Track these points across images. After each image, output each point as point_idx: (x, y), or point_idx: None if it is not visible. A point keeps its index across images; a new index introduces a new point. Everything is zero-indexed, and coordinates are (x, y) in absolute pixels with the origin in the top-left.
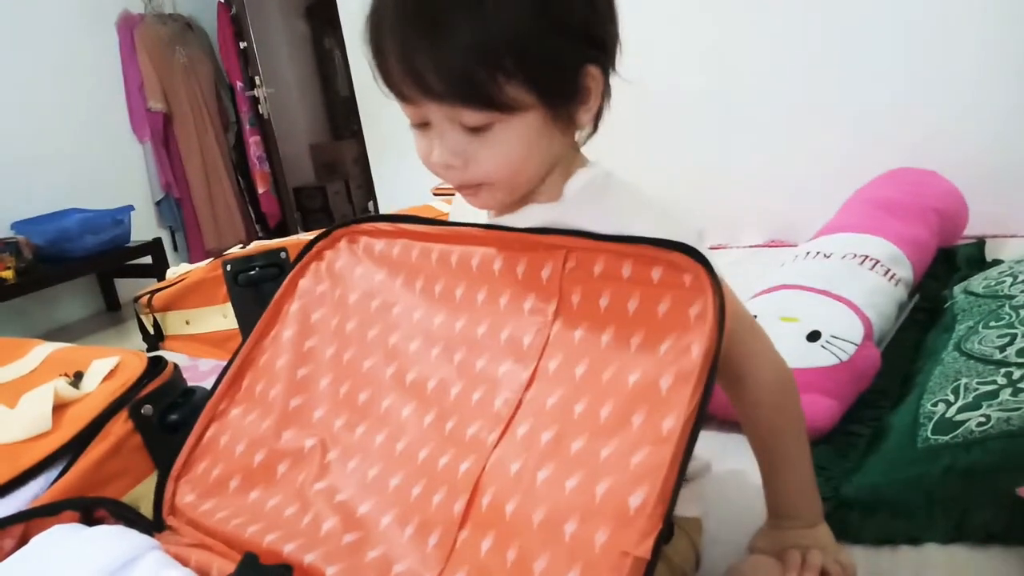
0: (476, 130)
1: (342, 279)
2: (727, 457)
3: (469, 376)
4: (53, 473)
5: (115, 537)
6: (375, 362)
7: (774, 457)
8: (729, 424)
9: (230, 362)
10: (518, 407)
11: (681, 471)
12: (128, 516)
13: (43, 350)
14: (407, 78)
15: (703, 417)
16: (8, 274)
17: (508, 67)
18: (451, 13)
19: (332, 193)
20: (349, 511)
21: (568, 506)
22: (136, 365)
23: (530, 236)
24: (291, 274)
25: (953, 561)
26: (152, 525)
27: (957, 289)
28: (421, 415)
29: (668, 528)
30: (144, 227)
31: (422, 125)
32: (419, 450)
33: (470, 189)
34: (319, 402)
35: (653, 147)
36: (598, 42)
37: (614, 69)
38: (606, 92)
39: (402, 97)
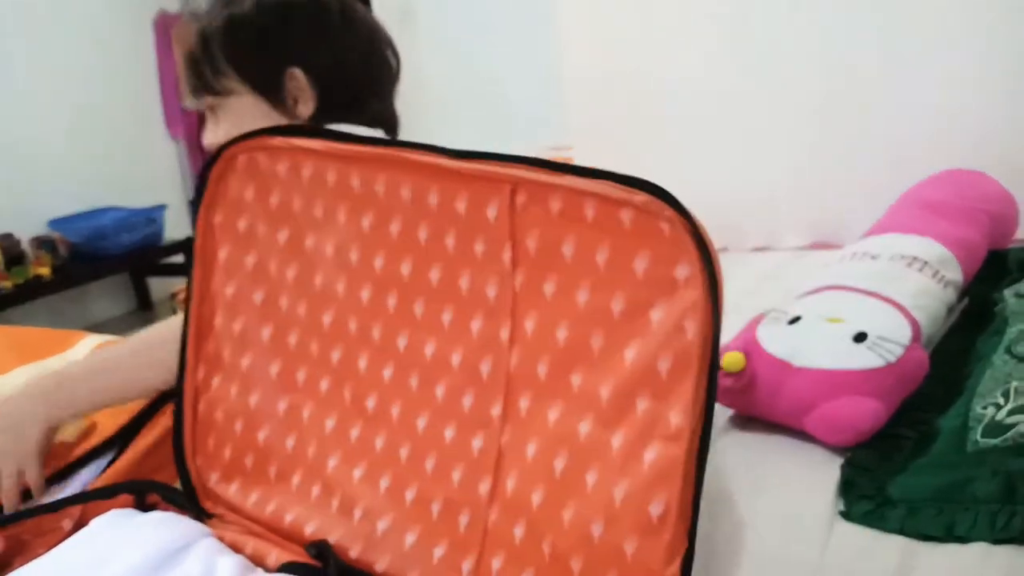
0: (211, 108)
1: (261, 213)
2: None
3: (439, 333)
4: (103, 463)
5: (169, 523)
6: (334, 316)
7: None
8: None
9: (185, 325)
10: (508, 375)
11: (699, 476)
12: (179, 501)
13: (89, 342)
14: None
15: (712, 413)
16: (44, 271)
17: (219, 63)
18: (194, 23)
19: None
20: (372, 490)
21: (592, 506)
22: None
23: (466, 163)
24: (201, 212)
25: (1000, 561)
26: (202, 511)
27: (1008, 292)
28: (404, 378)
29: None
30: (177, 226)
31: None
32: (416, 418)
33: None
34: (297, 364)
35: (694, 148)
36: (302, 53)
37: (327, 77)
38: (333, 88)
39: None
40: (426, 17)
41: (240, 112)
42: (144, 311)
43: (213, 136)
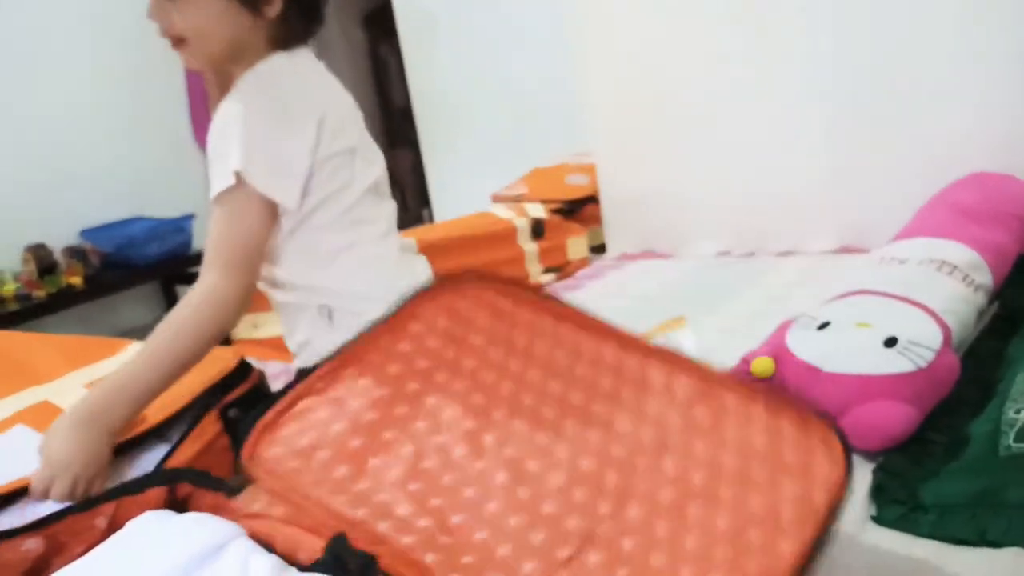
0: None
1: (444, 335)
2: None
3: (583, 448)
4: (144, 461)
5: (203, 524)
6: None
7: None
8: None
9: (340, 348)
10: (629, 486)
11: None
12: (210, 485)
13: (135, 349)
14: None
15: (820, 548)
16: (76, 280)
17: None
18: None
19: None
20: (443, 517)
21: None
22: (227, 358)
23: (667, 353)
24: (398, 322)
25: None
26: (233, 490)
27: None
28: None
29: None
30: (205, 235)
31: None
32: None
33: (175, 44)
34: (420, 416)
35: (718, 154)
36: None
37: None
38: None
39: None
40: (449, 26)
41: (204, 8)
42: None
43: (166, 18)
